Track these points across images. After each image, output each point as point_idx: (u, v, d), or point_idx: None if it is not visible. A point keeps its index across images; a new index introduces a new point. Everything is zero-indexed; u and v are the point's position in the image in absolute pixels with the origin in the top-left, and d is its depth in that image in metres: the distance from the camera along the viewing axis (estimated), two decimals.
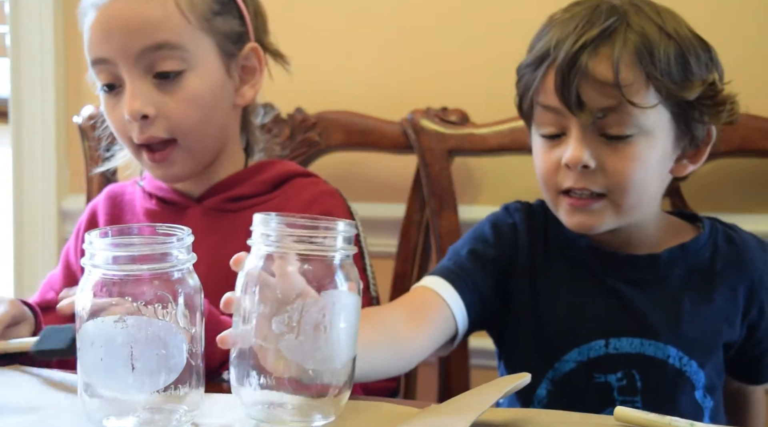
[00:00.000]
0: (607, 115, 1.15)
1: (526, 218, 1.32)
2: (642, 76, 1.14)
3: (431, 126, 1.58)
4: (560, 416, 0.96)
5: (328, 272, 0.88)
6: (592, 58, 1.14)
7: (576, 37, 1.16)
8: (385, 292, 1.62)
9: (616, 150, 1.16)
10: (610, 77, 1.13)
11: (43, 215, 1.94)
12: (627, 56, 1.14)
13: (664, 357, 1.20)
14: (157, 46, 1.24)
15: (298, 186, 1.35)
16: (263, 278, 0.87)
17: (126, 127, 1.28)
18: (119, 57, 1.25)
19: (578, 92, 1.15)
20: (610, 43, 1.14)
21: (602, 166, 1.17)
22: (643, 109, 1.14)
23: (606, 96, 1.14)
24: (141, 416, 0.89)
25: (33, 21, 1.91)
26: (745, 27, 1.53)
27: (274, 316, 0.86)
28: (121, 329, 0.87)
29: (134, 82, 1.25)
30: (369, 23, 1.73)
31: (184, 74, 1.26)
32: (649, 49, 1.14)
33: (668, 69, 1.15)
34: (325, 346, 0.87)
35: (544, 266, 1.28)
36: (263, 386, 0.88)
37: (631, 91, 1.14)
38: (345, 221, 0.90)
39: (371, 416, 0.94)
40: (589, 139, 1.17)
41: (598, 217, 1.19)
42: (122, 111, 1.26)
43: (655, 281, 1.24)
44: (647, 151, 1.17)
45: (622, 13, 1.17)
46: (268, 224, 0.88)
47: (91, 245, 0.89)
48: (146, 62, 1.25)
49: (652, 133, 1.16)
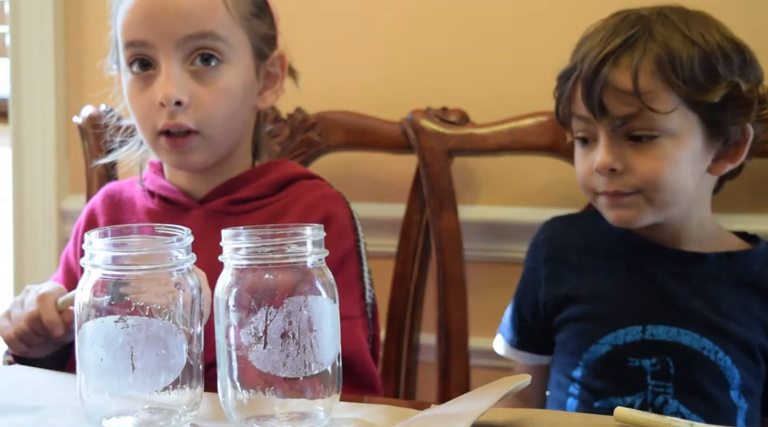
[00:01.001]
0: (629, 121, 1.22)
1: (558, 223, 1.42)
2: (661, 83, 1.21)
3: (431, 126, 1.58)
4: (560, 417, 0.96)
5: (296, 278, 0.88)
6: (613, 68, 1.22)
7: (599, 49, 1.24)
8: (385, 292, 1.62)
9: (643, 152, 1.23)
10: (629, 86, 1.21)
11: (43, 215, 1.94)
12: (647, 64, 1.21)
13: (699, 348, 1.24)
14: (202, 35, 1.26)
15: (301, 189, 1.35)
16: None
17: (152, 112, 1.27)
18: (161, 41, 1.25)
19: (601, 101, 1.23)
20: (630, 53, 1.22)
21: (631, 167, 1.24)
22: (665, 114, 1.21)
23: (626, 104, 1.22)
24: (141, 416, 0.89)
25: (33, 21, 1.91)
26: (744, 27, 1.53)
27: (242, 327, 0.87)
28: (121, 329, 0.87)
29: (172, 67, 1.25)
30: (369, 23, 1.73)
31: (221, 67, 1.28)
32: (670, 56, 1.21)
33: (691, 74, 1.21)
34: (297, 353, 0.87)
35: (589, 259, 1.34)
36: (249, 399, 0.88)
37: (649, 98, 1.21)
38: (313, 225, 0.90)
39: (370, 417, 0.94)
40: (616, 144, 1.24)
41: (635, 210, 1.26)
42: (152, 95, 1.26)
43: (698, 278, 1.28)
44: (674, 151, 1.23)
45: (646, 23, 1.24)
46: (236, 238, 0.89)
47: (91, 245, 0.89)
48: (187, 49, 1.26)
49: (678, 135, 1.23)
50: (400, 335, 1.62)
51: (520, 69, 1.64)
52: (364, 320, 1.31)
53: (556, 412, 0.98)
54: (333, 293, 0.90)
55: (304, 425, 0.89)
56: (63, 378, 1.07)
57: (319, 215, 1.29)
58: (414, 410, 0.95)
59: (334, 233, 1.27)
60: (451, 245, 1.58)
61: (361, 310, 1.30)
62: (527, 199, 1.65)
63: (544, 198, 1.64)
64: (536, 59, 1.62)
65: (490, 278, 1.66)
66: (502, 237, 1.66)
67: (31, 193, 1.94)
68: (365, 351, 1.26)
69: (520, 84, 1.63)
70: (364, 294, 1.33)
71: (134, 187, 1.40)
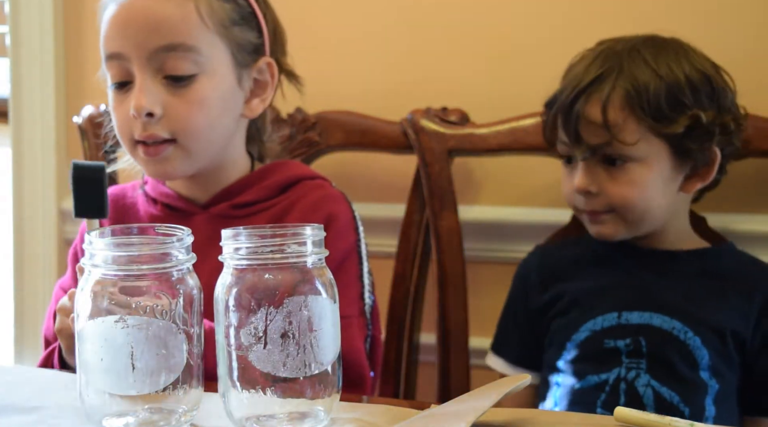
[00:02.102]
0: (601, 148, 1.34)
1: (542, 258, 1.49)
2: (629, 116, 1.32)
3: (431, 126, 1.58)
4: (560, 417, 0.96)
5: (297, 278, 0.88)
6: (586, 103, 1.34)
7: (574, 85, 1.35)
8: (385, 292, 1.62)
9: (615, 177, 1.35)
10: (599, 119, 1.33)
11: (43, 215, 1.94)
12: (615, 99, 1.32)
13: (669, 328, 1.33)
14: (171, 47, 1.25)
15: (304, 189, 1.35)
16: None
17: (129, 124, 1.28)
18: (133, 53, 1.25)
19: (576, 131, 1.35)
20: (600, 89, 1.33)
21: (604, 190, 1.36)
22: (632, 145, 1.32)
23: (597, 135, 1.34)
24: (141, 416, 0.89)
25: (33, 21, 1.91)
26: (744, 26, 1.53)
27: (242, 328, 0.87)
28: (122, 329, 0.87)
29: (145, 79, 1.25)
30: (369, 23, 1.73)
31: (195, 77, 1.26)
32: (637, 91, 1.32)
33: (657, 106, 1.32)
34: (297, 353, 0.87)
35: (580, 269, 1.43)
36: (249, 399, 0.88)
37: (617, 130, 1.32)
38: (313, 225, 0.90)
39: (370, 417, 0.94)
40: (592, 167, 1.36)
41: (611, 226, 1.38)
42: (128, 107, 1.26)
43: (673, 272, 1.38)
44: (643, 175, 1.34)
45: (618, 59, 1.34)
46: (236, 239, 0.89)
47: (91, 245, 0.89)
48: (158, 61, 1.25)
49: (646, 161, 1.34)
50: (400, 335, 1.62)
51: (520, 69, 1.64)
52: (362, 320, 1.31)
53: (555, 412, 0.98)
54: (333, 292, 0.90)
55: (304, 425, 0.89)
56: (63, 378, 1.07)
57: (320, 216, 1.29)
58: (414, 410, 0.95)
59: (334, 233, 1.27)
60: (451, 245, 1.58)
61: (358, 309, 1.30)
62: (527, 199, 1.65)
63: (544, 198, 1.64)
64: (536, 59, 1.62)
65: (490, 278, 1.66)
66: (502, 237, 1.66)
67: (31, 193, 1.94)
68: (358, 350, 1.26)
69: (520, 84, 1.63)
70: (362, 294, 1.32)
71: (136, 192, 1.40)
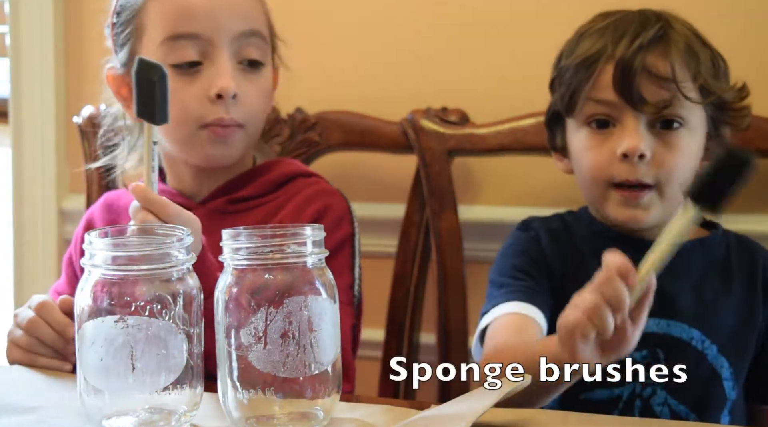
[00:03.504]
0: (662, 108, 1.24)
1: (544, 224, 1.38)
2: (690, 75, 1.25)
3: (431, 126, 1.58)
4: (560, 416, 0.96)
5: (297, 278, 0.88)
6: (651, 55, 1.24)
7: (633, 37, 1.25)
8: (385, 292, 1.62)
9: (666, 142, 1.25)
10: (669, 73, 1.23)
11: (43, 215, 1.94)
12: (678, 57, 1.25)
13: (687, 339, 1.26)
14: (253, 33, 1.30)
15: (299, 186, 1.36)
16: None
17: (199, 106, 1.27)
18: (217, 34, 1.27)
19: (638, 87, 1.23)
20: (664, 43, 1.25)
21: (653, 157, 1.24)
22: (693, 105, 1.25)
23: (664, 90, 1.24)
24: (141, 416, 0.89)
25: (33, 21, 1.91)
26: (744, 26, 1.53)
27: (242, 327, 0.87)
28: (121, 329, 0.87)
29: (227, 62, 1.27)
30: (369, 23, 1.73)
31: (262, 67, 1.32)
32: (694, 52, 1.26)
33: (708, 71, 1.26)
34: (297, 353, 0.87)
35: (575, 262, 1.32)
36: (249, 399, 0.88)
37: (685, 88, 1.24)
38: (313, 225, 0.91)
39: (370, 417, 0.94)
40: (643, 131, 1.24)
41: (647, 210, 1.26)
42: (200, 89, 1.27)
43: (678, 268, 1.27)
44: (690, 143, 1.26)
45: (666, 19, 1.28)
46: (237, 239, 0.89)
47: (91, 245, 0.89)
48: (239, 46, 1.29)
49: (695, 129, 1.27)
50: (400, 335, 1.62)
51: (520, 69, 1.64)
52: (350, 309, 1.32)
53: (555, 412, 0.98)
54: (333, 292, 0.90)
55: (304, 425, 0.89)
56: (63, 378, 1.07)
57: (315, 207, 1.30)
58: (414, 410, 0.95)
59: (329, 222, 1.28)
60: (451, 245, 1.58)
61: (347, 298, 1.30)
62: (527, 199, 1.65)
63: (544, 198, 1.64)
64: (536, 59, 1.61)
65: None
66: (502, 237, 1.65)
67: (31, 193, 1.94)
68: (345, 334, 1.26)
69: (520, 84, 1.63)
70: (352, 285, 1.33)
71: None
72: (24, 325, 1.11)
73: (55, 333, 1.10)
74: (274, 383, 0.88)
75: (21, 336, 1.12)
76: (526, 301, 1.27)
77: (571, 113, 1.30)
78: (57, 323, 1.10)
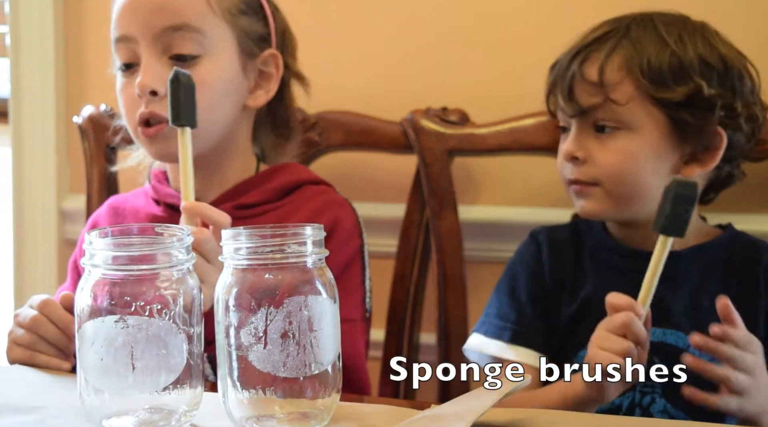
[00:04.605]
0: (593, 111, 1.29)
1: (550, 234, 1.41)
2: (627, 77, 1.27)
3: (431, 126, 1.58)
4: (560, 416, 0.96)
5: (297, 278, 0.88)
6: (585, 61, 1.30)
7: (576, 44, 1.33)
8: (385, 292, 1.62)
9: (604, 144, 1.29)
10: (595, 77, 1.28)
11: (43, 215, 1.94)
12: (615, 59, 1.28)
13: (684, 346, 1.26)
14: (177, 27, 1.27)
15: (307, 194, 1.35)
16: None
17: (134, 105, 1.29)
18: (140, 34, 1.27)
19: (571, 90, 1.30)
20: (601, 48, 1.30)
21: (592, 158, 1.30)
22: (623, 106, 1.27)
23: (591, 94, 1.29)
24: (141, 416, 0.89)
25: (33, 21, 1.91)
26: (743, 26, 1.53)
27: (242, 327, 0.87)
28: (122, 329, 0.87)
29: (150, 59, 1.27)
30: (369, 23, 1.73)
31: (198, 59, 1.29)
32: (639, 53, 1.27)
33: (658, 72, 1.27)
34: (297, 353, 0.87)
35: (575, 272, 1.36)
36: (249, 399, 0.88)
37: (611, 90, 1.27)
38: (313, 225, 0.91)
39: (370, 417, 0.94)
40: (583, 134, 1.31)
41: (597, 202, 1.31)
42: (133, 89, 1.28)
43: (677, 277, 1.29)
44: (633, 145, 1.28)
45: (627, 23, 1.31)
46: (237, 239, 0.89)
47: (91, 245, 0.89)
48: (164, 42, 1.27)
49: (639, 129, 1.28)
50: (400, 335, 1.62)
51: (520, 69, 1.64)
52: (364, 325, 1.32)
53: (555, 412, 0.98)
54: (333, 292, 0.90)
55: (304, 425, 0.89)
56: (63, 378, 1.07)
57: (326, 220, 1.29)
58: (414, 410, 0.95)
59: (340, 238, 1.28)
60: (451, 245, 1.58)
61: (360, 314, 1.30)
62: (527, 199, 1.65)
63: (544, 198, 1.64)
64: (536, 59, 1.61)
65: (490, 278, 1.66)
66: (502, 237, 1.66)
67: (31, 193, 1.94)
68: (361, 356, 1.27)
69: (520, 84, 1.63)
70: (364, 299, 1.33)
71: (138, 199, 1.40)
72: (27, 323, 1.11)
73: (59, 330, 1.10)
74: (274, 383, 0.88)
75: (23, 334, 1.12)
76: (521, 344, 1.34)
77: (555, 119, 1.39)
78: (60, 320, 1.10)
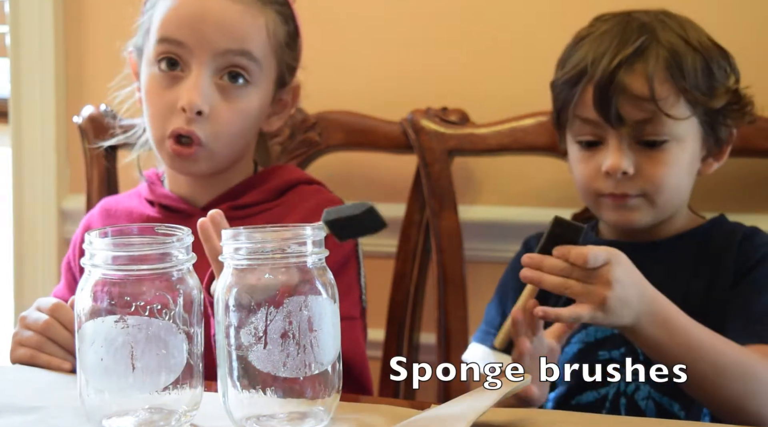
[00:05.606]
0: (643, 126, 1.25)
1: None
2: (674, 89, 1.25)
3: (431, 126, 1.58)
4: (560, 416, 0.97)
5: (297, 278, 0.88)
6: (628, 74, 1.24)
7: (612, 56, 1.25)
8: (385, 292, 1.62)
9: (651, 157, 1.26)
10: (646, 92, 1.24)
11: (43, 215, 1.94)
12: (660, 72, 1.24)
13: None
14: (240, 53, 1.27)
15: (302, 194, 1.36)
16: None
17: (168, 113, 1.27)
18: (198, 47, 1.26)
19: (616, 107, 1.24)
20: (643, 60, 1.25)
21: (639, 171, 1.26)
22: (677, 120, 1.24)
23: (642, 110, 1.24)
24: (141, 416, 0.89)
25: (33, 21, 1.91)
26: (743, 27, 1.53)
27: (241, 327, 0.87)
28: (122, 329, 0.87)
29: (201, 77, 1.26)
30: (369, 23, 1.73)
31: (246, 87, 1.29)
32: (679, 63, 1.25)
33: (695, 81, 1.26)
34: (297, 353, 0.87)
35: None
36: (249, 399, 0.88)
37: (666, 105, 1.24)
38: (313, 225, 0.91)
39: (370, 417, 0.94)
40: (626, 147, 1.26)
41: (638, 212, 1.28)
42: (173, 96, 1.26)
43: (656, 266, 1.27)
44: (679, 155, 1.27)
45: (651, 29, 1.27)
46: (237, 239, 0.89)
47: (91, 245, 0.89)
48: (222, 62, 1.27)
49: (683, 140, 1.27)
50: (400, 335, 1.62)
51: (520, 69, 1.64)
52: (363, 322, 1.32)
53: (554, 412, 0.98)
54: (333, 292, 0.90)
55: (304, 425, 0.89)
56: (63, 378, 1.07)
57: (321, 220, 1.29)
58: (414, 410, 0.95)
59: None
60: (451, 245, 1.58)
61: (359, 312, 1.31)
62: (527, 199, 1.65)
63: (544, 198, 1.64)
64: (536, 59, 1.62)
65: (490, 278, 1.66)
66: (502, 237, 1.66)
67: (31, 193, 1.94)
68: (363, 354, 1.27)
69: (520, 84, 1.63)
70: (361, 297, 1.33)
71: (132, 200, 1.40)
72: (38, 326, 1.10)
73: (70, 334, 1.10)
74: (274, 383, 0.88)
75: (31, 336, 1.11)
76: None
77: (563, 129, 1.34)
78: (72, 323, 1.10)
